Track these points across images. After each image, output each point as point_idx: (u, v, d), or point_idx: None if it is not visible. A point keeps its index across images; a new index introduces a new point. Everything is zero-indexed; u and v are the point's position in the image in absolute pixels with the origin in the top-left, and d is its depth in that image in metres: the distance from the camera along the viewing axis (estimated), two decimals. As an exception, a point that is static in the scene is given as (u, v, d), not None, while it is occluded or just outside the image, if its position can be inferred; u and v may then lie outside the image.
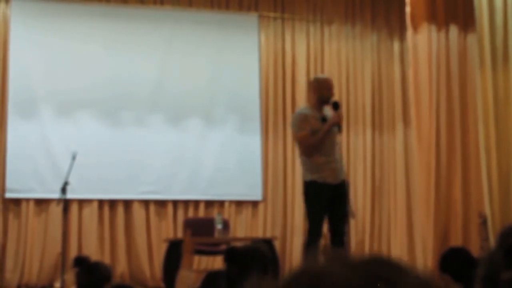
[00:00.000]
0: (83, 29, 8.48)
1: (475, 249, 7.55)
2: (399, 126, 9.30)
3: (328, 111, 6.20)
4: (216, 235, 6.95)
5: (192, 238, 6.31)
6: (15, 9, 8.33)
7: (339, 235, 6.06)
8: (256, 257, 2.68)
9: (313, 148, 6.03)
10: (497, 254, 1.66)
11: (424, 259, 8.53)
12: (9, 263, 7.96)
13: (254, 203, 8.84)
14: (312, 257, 0.73)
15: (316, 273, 0.71)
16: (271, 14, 9.22)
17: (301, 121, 6.06)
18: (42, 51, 8.32)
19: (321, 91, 6.16)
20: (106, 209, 8.33)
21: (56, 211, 7.77)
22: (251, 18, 9.14)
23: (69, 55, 8.40)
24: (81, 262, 3.43)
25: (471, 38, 8.69)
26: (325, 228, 6.22)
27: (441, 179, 8.55)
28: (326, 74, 7.23)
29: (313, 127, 6.00)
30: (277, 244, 7.64)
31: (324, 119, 6.07)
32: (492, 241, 7.05)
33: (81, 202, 8.23)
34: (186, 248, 3.86)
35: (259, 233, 8.62)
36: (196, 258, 7.70)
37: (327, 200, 6.01)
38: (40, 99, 8.24)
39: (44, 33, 8.37)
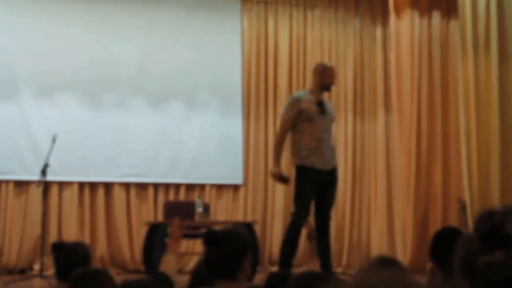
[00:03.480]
0: (65, 10, 8.40)
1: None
2: (381, 112, 9.32)
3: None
4: (197, 218, 6.96)
5: (181, 222, 6.33)
6: (-4, -11, 8.24)
7: (325, 220, 6.11)
8: (235, 240, 2.68)
9: (279, 139, 6.29)
10: (474, 239, 1.67)
11: (404, 244, 8.59)
12: (-12, 245, 7.92)
13: (235, 187, 8.85)
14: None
15: None
16: (254, -2, 9.19)
17: (289, 104, 6.26)
18: (23, 33, 8.24)
19: (323, 76, 6.32)
20: (86, 192, 8.30)
21: (36, 193, 7.73)
22: (234, 2, 9.09)
23: (50, 37, 8.32)
24: (59, 248, 3.41)
25: (454, 25, 8.72)
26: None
27: (421, 165, 8.60)
28: (333, 63, 7.32)
29: (304, 109, 6.14)
30: (257, 228, 7.67)
31: (320, 103, 6.21)
32: (471, 226, 7.11)
33: (61, 185, 8.20)
34: (174, 234, 3.86)
35: (239, 217, 8.63)
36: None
37: (315, 185, 6.06)
38: (20, 81, 8.16)
39: (25, 14, 8.27)
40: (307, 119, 6.12)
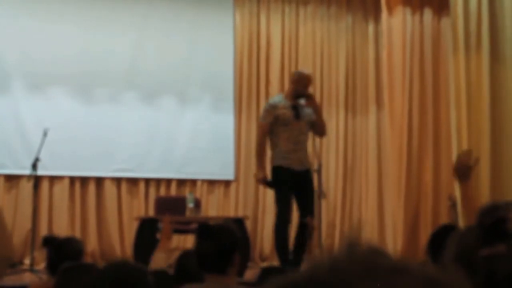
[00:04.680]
0: (57, 4, 8.37)
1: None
2: (372, 108, 9.34)
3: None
4: (188, 214, 6.96)
5: (171, 217, 6.35)
6: (-13, -18, 8.20)
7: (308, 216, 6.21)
8: (226, 235, 2.69)
9: (259, 143, 6.48)
10: (473, 232, 1.68)
11: (394, 240, 8.62)
12: (-22, 239, 7.89)
13: (226, 183, 8.85)
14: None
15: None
16: (247, -6, 9.18)
17: (265, 111, 6.50)
18: (14, 26, 8.19)
19: (297, 84, 6.50)
20: (77, 186, 8.29)
21: (26, 187, 7.71)
22: (227, -3, 9.09)
23: (42, 31, 8.28)
24: (50, 242, 3.41)
25: (445, 22, 8.74)
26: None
27: (412, 161, 8.62)
28: (310, 71, 7.36)
29: (280, 115, 6.36)
30: (248, 224, 7.68)
31: (295, 107, 6.41)
32: (461, 223, 7.14)
33: (52, 179, 8.17)
34: (165, 232, 3.88)
35: (230, 213, 8.63)
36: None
37: (293, 184, 6.29)
38: (12, 74, 8.13)
39: (16, 8, 8.24)
40: (283, 124, 6.37)
